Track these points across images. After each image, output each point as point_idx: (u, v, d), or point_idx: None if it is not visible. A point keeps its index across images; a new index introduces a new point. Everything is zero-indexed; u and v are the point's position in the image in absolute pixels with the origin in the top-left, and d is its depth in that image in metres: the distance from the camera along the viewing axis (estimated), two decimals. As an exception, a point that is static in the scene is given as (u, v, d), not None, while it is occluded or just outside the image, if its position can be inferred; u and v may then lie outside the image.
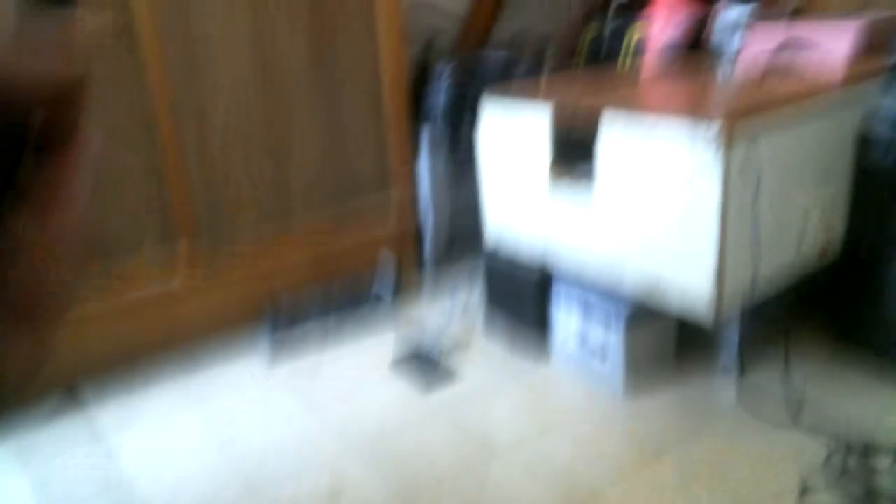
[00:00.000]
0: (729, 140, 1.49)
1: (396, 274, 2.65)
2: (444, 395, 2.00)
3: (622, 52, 2.79)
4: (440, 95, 2.56)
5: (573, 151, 1.96)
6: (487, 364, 2.17)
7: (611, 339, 1.88)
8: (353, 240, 2.56)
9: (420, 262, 2.72)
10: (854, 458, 1.54)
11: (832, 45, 2.05)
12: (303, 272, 2.47)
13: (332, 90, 2.41)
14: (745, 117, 1.54)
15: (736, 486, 1.51)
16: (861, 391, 1.80)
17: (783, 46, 2.19)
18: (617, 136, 1.74)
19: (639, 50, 2.73)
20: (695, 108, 1.61)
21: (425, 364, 2.15)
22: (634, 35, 2.74)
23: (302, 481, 1.68)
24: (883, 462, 1.53)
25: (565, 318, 2.03)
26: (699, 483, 1.53)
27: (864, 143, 1.80)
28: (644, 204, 1.70)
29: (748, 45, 2.24)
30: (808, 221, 1.76)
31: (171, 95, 2.10)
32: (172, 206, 2.18)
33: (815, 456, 1.57)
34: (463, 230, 2.71)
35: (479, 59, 2.67)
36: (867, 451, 1.56)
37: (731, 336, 1.91)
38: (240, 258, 2.33)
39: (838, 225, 1.88)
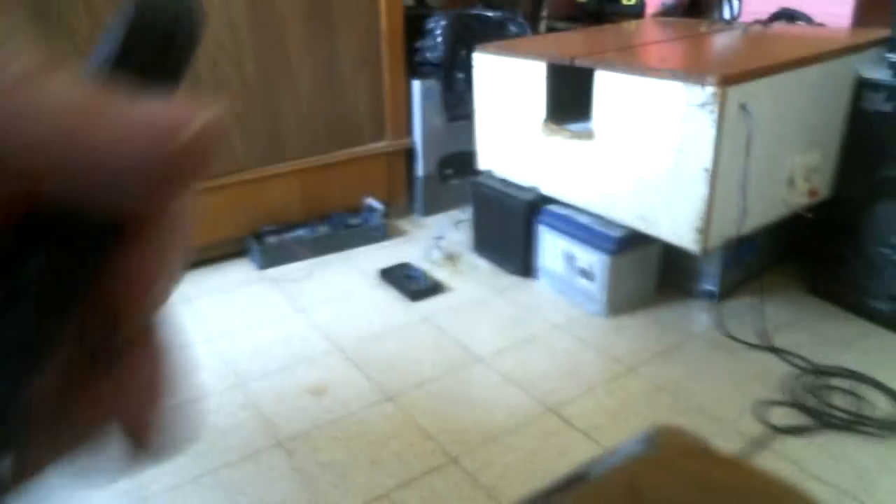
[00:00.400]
0: (723, 99, 1.50)
1: (387, 198, 2.66)
2: (430, 305, 2.06)
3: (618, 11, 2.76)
4: (435, 49, 2.53)
5: (567, 101, 1.97)
6: (475, 278, 2.22)
7: (597, 260, 1.91)
8: (343, 181, 2.57)
9: (411, 182, 2.73)
10: (815, 378, 1.62)
11: (829, 12, 2.08)
12: (292, 207, 2.48)
13: (328, 37, 2.38)
14: (740, 77, 1.54)
15: (701, 399, 1.58)
16: (828, 322, 1.87)
17: (778, 15, 2.21)
18: (612, 93, 1.75)
19: (636, 7, 2.70)
20: (691, 68, 1.60)
21: (414, 275, 2.19)
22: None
23: (288, 377, 1.74)
24: (841, 383, 1.60)
25: (553, 239, 2.06)
26: (665, 395, 1.60)
27: (862, 90, 1.80)
28: (638, 148, 1.72)
29: (745, 9, 2.27)
30: (798, 165, 1.78)
31: None
32: None
33: (779, 376, 1.65)
34: (456, 154, 2.70)
35: (473, 14, 2.61)
36: (827, 372, 1.64)
37: (715, 265, 1.95)
38: (229, 184, 2.33)
39: (829, 169, 1.90)
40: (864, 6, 2.13)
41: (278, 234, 2.40)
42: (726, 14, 2.47)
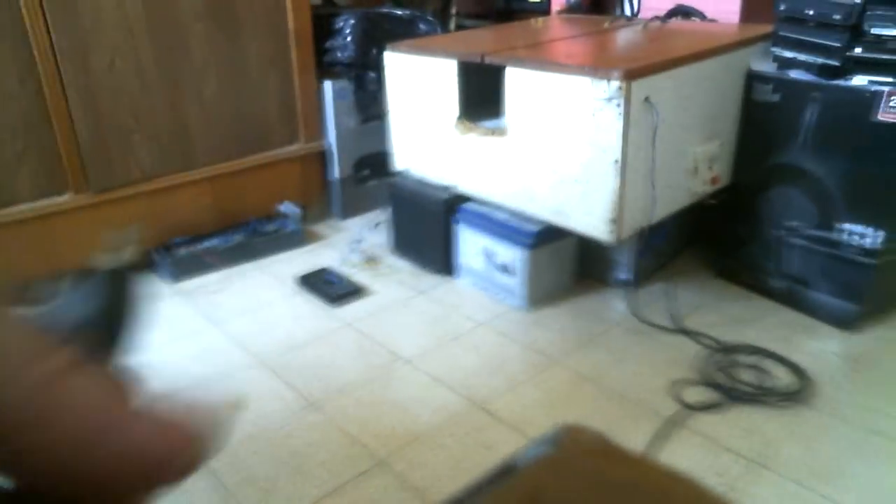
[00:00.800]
0: (628, 93, 1.56)
1: (303, 202, 2.61)
2: (351, 309, 2.03)
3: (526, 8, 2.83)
4: (345, 49, 2.50)
5: (480, 98, 1.99)
6: (396, 279, 2.20)
7: (516, 255, 1.94)
8: (257, 186, 2.49)
9: (327, 185, 2.68)
10: (723, 356, 1.70)
11: (720, 9, 2.24)
12: (204, 215, 2.39)
13: (232, 37, 2.30)
14: (643, 71, 1.60)
15: (622, 384, 1.63)
16: (733, 302, 1.97)
17: (674, 11, 2.34)
18: (523, 89, 1.78)
19: (542, 5, 2.78)
20: (598, 63, 1.65)
21: (334, 280, 2.15)
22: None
23: (206, 392, 1.66)
24: (746, 359, 1.69)
25: (472, 236, 2.07)
26: (589, 383, 1.64)
27: (752, 82, 1.90)
28: (550, 143, 1.75)
29: (644, 5, 2.39)
30: (700, 154, 1.87)
31: (49, 37, 1.94)
32: (58, 153, 2.04)
33: (691, 356, 1.72)
34: (372, 155, 2.68)
35: (382, 12, 2.60)
36: (734, 350, 1.73)
37: (628, 254, 2.02)
38: (135, 195, 2.22)
39: (728, 157, 2.00)
40: (751, 3, 2.27)
41: (189, 245, 2.30)
42: (627, 11, 2.57)
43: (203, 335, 1.93)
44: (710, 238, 2.21)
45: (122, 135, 2.14)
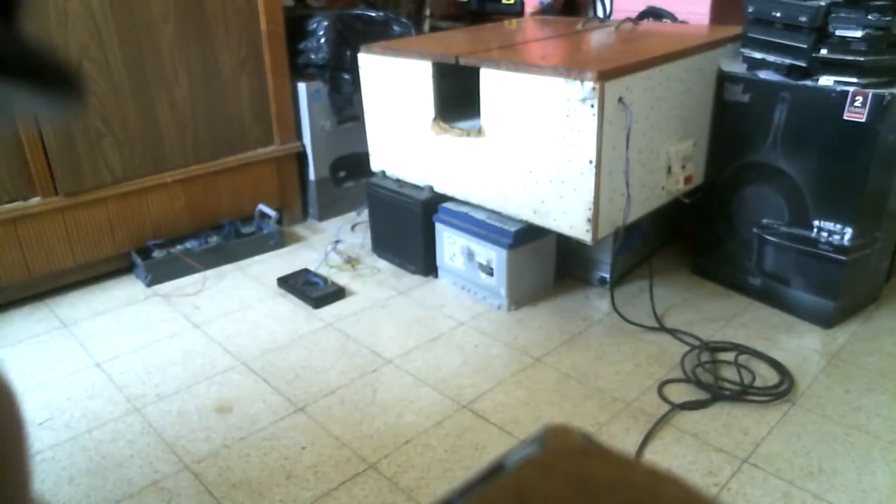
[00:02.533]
0: (602, 93, 1.58)
1: (280, 204, 2.59)
2: (333, 310, 2.02)
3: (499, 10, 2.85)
4: (318, 50, 2.48)
5: (457, 99, 2.00)
6: (376, 280, 2.20)
7: (496, 255, 1.96)
8: (233, 188, 2.46)
9: (304, 187, 2.67)
10: (706, 354, 1.74)
11: (690, 10, 2.29)
12: (179, 218, 2.35)
13: (204, 39, 2.27)
14: (617, 72, 1.63)
15: (606, 382, 1.66)
16: (711, 300, 2.02)
17: (645, 13, 2.39)
18: (498, 90, 1.79)
19: (516, 6, 2.81)
20: (572, 64, 1.68)
21: (314, 282, 2.14)
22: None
23: (190, 397, 1.65)
24: (728, 356, 1.73)
25: (452, 237, 2.08)
26: (572, 382, 1.67)
27: (724, 82, 1.95)
28: (527, 144, 1.78)
29: (616, 7, 2.44)
30: (674, 154, 1.91)
31: None
32: (25, 157, 1.99)
33: (674, 354, 1.76)
34: (348, 156, 2.67)
35: (355, 14, 2.59)
36: (717, 348, 1.77)
37: (607, 253, 2.05)
38: (105, 199, 2.17)
39: (702, 157, 2.05)
40: (721, 5, 2.32)
41: (166, 248, 2.26)
42: (600, 12, 2.60)
43: (183, 338, 1.90)
44: (686, 236, 2.26)
45: (91, 138, 2.10)
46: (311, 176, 2.63)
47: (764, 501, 1.30)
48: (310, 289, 2.10)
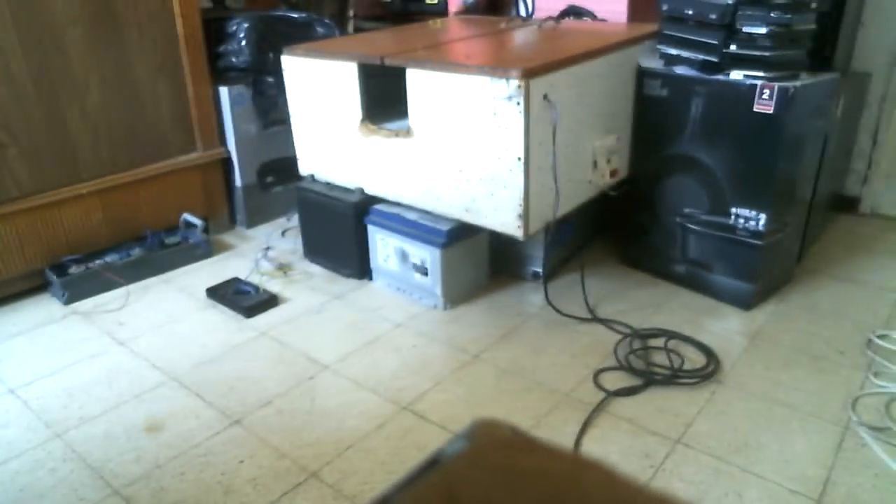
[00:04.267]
0: (528, 91, 1.61)
1: (206, 212, 2.50)
2: (266, 319, 1.97)
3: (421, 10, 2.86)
4: (240, 53, 2.42)
5: (385, 100, 1.99)
6: (310, 286, 2.16)
7: (430, 254, 1.96)
8: (155, 198, 2.37)
9: (230, 193, 2.59)
10: (637, 341, 1.80)
11: (609, 9, 2.36)
12: (97, 231, 2.24)
13: (115, 42, 2.17)
14: (541, 70, 1.65)
15: (543, 375, 1.69)
16: (640, 288, 2.08)
17: (566, 12, 2.45)
18: (425, 90, 1.80)
19: (439, 6, 2.83)
20: (497, 63, 1.70)
21: (245, 290, 2.08)
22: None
23: (116, 417, 1.57)
24: (658, 342, 1.79)
25: (384, 238, 2.07)
26: (510, 376, 1.69)
27: (643, 78, 2.02)
28: (456, 143, 1.79)
29: (538, 5, 2.49)
30: (599, 149, 1.96)
31: None
32: None
33: (607, 343, 1.80)
34: (275, 160, 2.61)
35: (277, 16, 2.54)
36: (647, 335, 1.83)
37: (539, 248, 2.09)
38: (12, 213, 2.05)
39: (626, 150, 2.12)
40: (638, 3, 2.40)
41: (83, 263, 2.15)
42: (522, 11, 2.65)
43: (107, 356, 1.81)
44: (614, 228, 2.32)
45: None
46: (238, 182, 2.56)
47: (696, 478, 1.35)
48: (241, 298, 2.04)
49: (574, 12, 2.46)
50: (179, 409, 1.59)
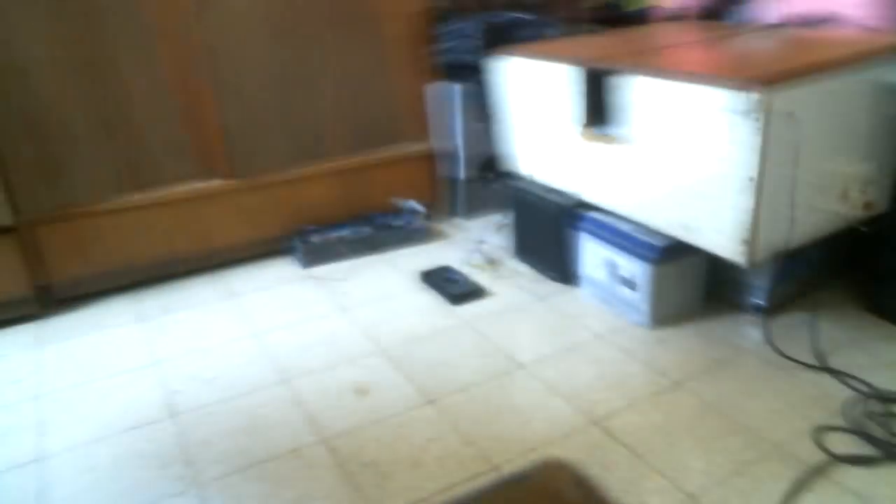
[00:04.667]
0: (768, 106, 1.45)
1: (428, 200, 2.67)
2: (471, 309, 2.06)
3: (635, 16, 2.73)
4: (472, 52, 2.52)
5: (605, 105, 1.94)
6: (516, 283, 2.21)
7: (640, 269, 1.89)
8: (385, 182, 2.58)
9: (452, 185, 2.73)
10: (877, 404, 1.56)
11: (856, 14, 2.03)
12: (332, 205, 2.51)
13: (363, 41, 2.40)
14: (783, 84, 1.48)
15: (753, 419, 1.54)
16: (888, 343, 1.80)
17: (803, 18, 2.16)
18: (650, 98, 1.72)
19: (651, 14, 2.68)
20: (733, 73, 1.55)
21: (455, 279, 2.19)
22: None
23: (333, 375, 1.76)
24: (902, 409, 1.54)
25: (595, 246, 2.04)
26: (714, 412, 1.57)
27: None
28: (679, 155, 1.69)
29: (773, 12, 2.23)
30: (852, 176, 1.72)
31: (202, 48, 2.14)
32: (209, 144, 2.23)
33: (837, 399, 1.59)
34: (496, 156, 2.69)
35: (507, 16, 2.60)
36: (892, 398, 1.57)
37: (764, 278, 1.91)
38: (272, 184, 2.37)
39: (887, 181, 1.84)
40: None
41: (321, 234, 2.42)
42: (764, 17, 2.39)
43: (331, 320, 2.03)
44: (861, 268, 2.04)
45: (262, 130, 2.30)
46: (460, 174, 2.69)
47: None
48: (450, 285, 2.15)
49: (819, 20, 2.17)
50: (383, 380, 1.73)
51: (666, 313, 1.94)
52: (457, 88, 2.56)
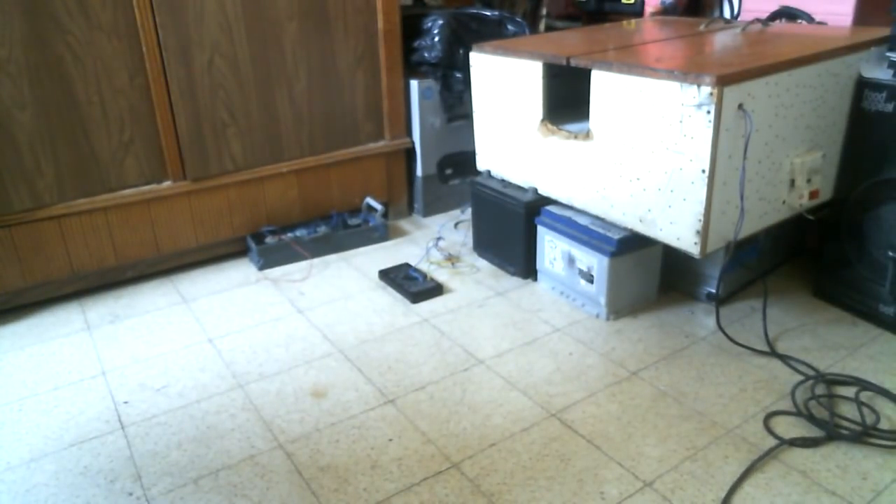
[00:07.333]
0: (720, 99, 1.48)
1: (386, 198, 2.65)
2: (430, 307, 2.04)
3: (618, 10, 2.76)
4: (432, 49, 2.51)
5: (566, 101, 1.96)
6: (475, 279, 2.20)
7: (598, 262, 1.90)
8: (343, 181, 2.55)
9: (410, 182, 2.71)
10: (822, 386, 1.60)
11: (830, 10, 2.11)
12: (292, 207, 2.47)
13: (324, 36, 2.36)
14: (738, 77, 1.52)
15: (705, 405, 1.57)
16: (833, 326, 1.86)
17: (777, 13, 2.21)
18: (609, 93, 1.73)
19: (636, 7, 2.71)
20: (689, 68, 1.58)
21: (414, 276, 2.18)
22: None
23: (289, 378, 1.73)
24: (848, 391, 1.59)
25: (553, 240, 2.04)
26: (670, 401, 1.59)
27: (863, 90, 1.78)
28: (636, 149, 1.70)
29: (745, 7, 2.28)
30: (799, 167, 1.77)
31: (158, 36, 2.07)
32: (160, 144, 2.17)
33: (785, 383, 1.63)
34: (455, 154, 2.69)
35: (471, 13, 2.60)
36: (835, 381, 1.62)
37: (716, 268, 1.94)
38: (227, 185, 2.32)
39: (831, 170, 1.89)
40: (865, 5, 2.12)
41: (278, 235, 2.38)
42: (726, 13, 2.46)
43: (287, 322, 1.99)
44: (808, 256, 2.09)
45: (217, 128, 2.24)
46: (419, 172, 2.67)
47: (878, 554, 1.18)
48: (409, 283, 2.14)
49: (786, 14, 2.24)
50: (341, 381, 1.71)
51: (623, 305, 1.96)
52: (415, 85, 2.54)
